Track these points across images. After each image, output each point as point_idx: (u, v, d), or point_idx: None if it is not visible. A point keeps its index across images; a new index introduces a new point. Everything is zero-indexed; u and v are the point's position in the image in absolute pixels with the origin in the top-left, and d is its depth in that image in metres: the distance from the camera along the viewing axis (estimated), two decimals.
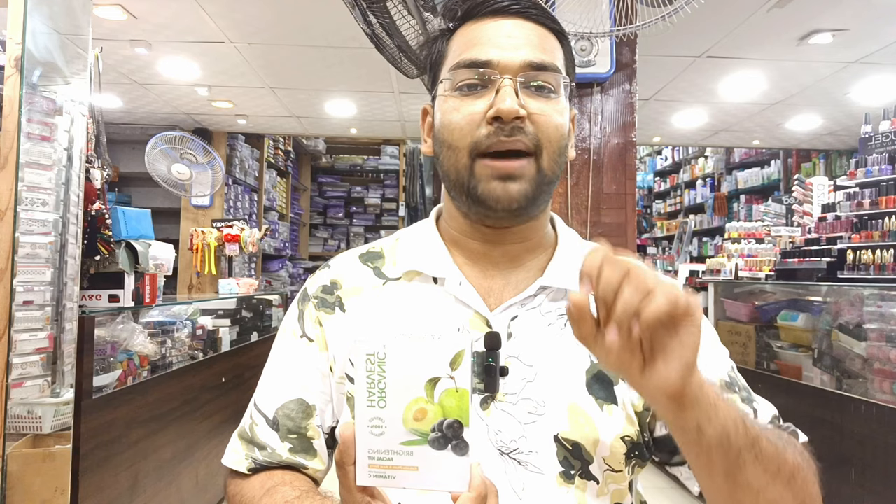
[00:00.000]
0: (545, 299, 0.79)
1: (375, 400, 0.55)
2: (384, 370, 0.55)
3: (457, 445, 0.54)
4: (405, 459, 0.55)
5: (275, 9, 3.50)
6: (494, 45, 0.75)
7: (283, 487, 0.74)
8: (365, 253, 0.88)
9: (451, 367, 0.54)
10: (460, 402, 0.54)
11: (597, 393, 0.76)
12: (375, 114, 5.70)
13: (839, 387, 2.82)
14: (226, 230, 4.74)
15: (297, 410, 0.80)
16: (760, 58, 4.13)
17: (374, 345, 0.55)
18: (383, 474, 0.55)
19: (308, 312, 0.85)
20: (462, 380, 0.54)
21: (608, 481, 0.75)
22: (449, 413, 0.54)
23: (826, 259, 3.28)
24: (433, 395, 0.54)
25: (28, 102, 1.96)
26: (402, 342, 0.55)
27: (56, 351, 2.05)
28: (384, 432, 0.55)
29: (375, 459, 0.55)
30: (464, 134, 0.74)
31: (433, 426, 0.54)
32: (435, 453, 0.54)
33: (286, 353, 0.84)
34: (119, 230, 2.41)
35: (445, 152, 0.76)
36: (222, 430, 3.38)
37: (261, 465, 0.80)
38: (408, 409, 0.55)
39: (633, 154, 2.46)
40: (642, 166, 9.79)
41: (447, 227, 0.85)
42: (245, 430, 0.83)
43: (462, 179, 0.75)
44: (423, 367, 0.55)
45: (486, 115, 0.73)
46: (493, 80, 0.74)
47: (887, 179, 3.15)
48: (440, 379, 0.54)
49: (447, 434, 0.54)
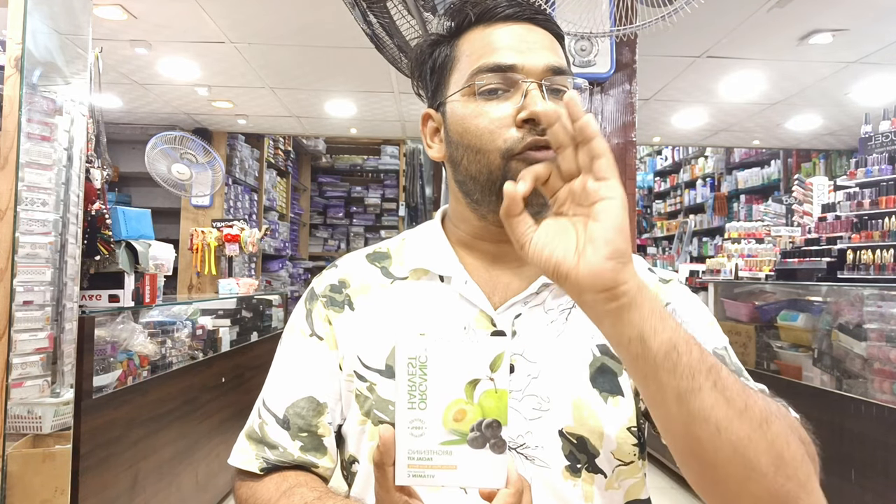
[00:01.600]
0: (548, 296, 0.80)
1: (416, 402, 0.56)
2: (425, 373, 0.56)
3: (495, 444, 0.56)
4: (444, 459, 0.56)
5: (275, 9, 3.50)
6: (515, 50, 0.75)
7: (301, 489, 0.74)
8: (372, 253, 0.90)
9: (490, 370, 0.56)
10: (499, 402, 0.56)
11: (601, 386, 0.77)
12: (375, 114, 5.70)
13: (839, 387, 2.82)
14: (226, 230, 4.74)
15: (308, 408, 0.81)
16: (760, 58, 4.13)
17: (416, 348, 0.57)
18: (422, 473, 0.56)
19: (316, 311, 0.85)
20: (501, 381, 0.56)
21: (620, 477, 0.76)
22: (488, 413, 0.56)
23: (826, 259, 3.28)
24: (473, 396, 0.56)
25: (28, 102, 1.96)
26: (443, 345, 0.57)
27: (56, 351, 2.05)
28: (424, 433, 0.56)
29: (415, 459, 0.56)
30: (493, 137, 0.74)
31: (472, 426, 0.56)
32: (474, 452, 0.56)
33: (295, 352, 0.84)
34: (119, 230, 2.41)
35: (471, 156, 0.76)
36: (222, 430, 3.38)
37: (273, 464, 0.79)
38: (448, 410, 0.56)
39: (633, 154, 2.46)
40: (642, 166, 9.78)
41: (455, 229, 0.86)
42: (254, 430, 0.82)
43: (495, 180, 0.74)
44: (464, 370, 0.56)
45: (516, 119, 0.73)
46: (516, 83, 0.74)
47: (887, 179, 3.15)
48: (480, 380, 0.56)
49: (486, 433, 0.56)
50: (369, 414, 0.78)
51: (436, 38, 0.84)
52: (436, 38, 0.84)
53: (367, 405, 0.78)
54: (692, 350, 0.56)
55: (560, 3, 1.69)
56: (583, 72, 2.27)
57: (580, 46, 2.20)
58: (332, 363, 0.82)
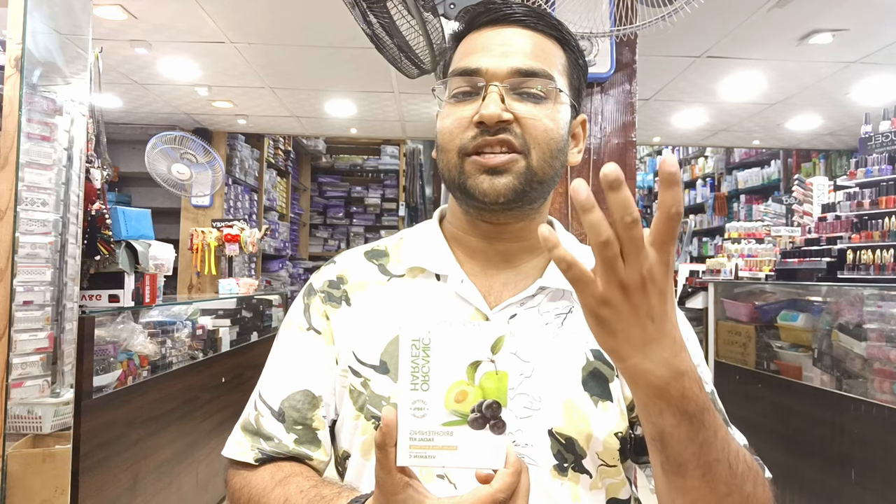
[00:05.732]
0: (544, 299, 0.82)
1: (419, 383, 0.57)
2: (428, 355, 0.58)
3: (495, 425, 0.57)
4: (445, 440, 0.57)
5: (275, 9, 3.50)
6: (486, 54, 0.79)
7: (296, 478, 0.75)
8: (370, 250, 0.91)
9: (491, 352, 0.58)
10: (499, 384, 0.57)
11: (592, 389, 0.78)
12: (375, 114, 5.70)
13: (839, 387, 2.82)
14: (226, 230, 4.74)
15: (304, 401, 0.81)
16: (760, 58, 4.13)
17: (420, 331, 0.58)
18: (424, 454, 0.57)
19: (314, 306, 0.86)
20: (502, 363, 0.58)
21: (603, 476, 0.78)
22: (488, 394, 0.57)
23: (826, 259, 3.28)
24: (474, 377, 0.58)
25: (28, 102, 1.96)
26: (446, 328, 0.58)
27: (56, 351, 2.05)
28: (426, 414, 0.57)
29: (417, 440, 0.57)
30: (453, 137, 0.79)
31: (473, 407, 0.57)
32: (474, 433, 0.57)
33: (292, 346, 0.85)
34: (119, 230, 2.41)
35: (440, 154, 0.81)
36: (222, 430, 3.38)
37: (268, 455, 0.80)
38: (449, 392, 0.57)
39: (633, 154, 2.46)
40: (642, 166, 9.78)
41: (450, 225, 0.88)
42: (249, 422, 0.83)
43: (454, 177, 0.79)
44: (466, 352, 0.58)
45: (472, 120, 0.77)
46: (480, 87, 0.78)
47: (887, 179, 3.15)
48: (481, 363, 0.58)
49: (486, 414, 0.57)
50: (363, 409, 0.78)
51: (448, 44, 0.88)
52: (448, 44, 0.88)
53: (360, 400, 0.79)
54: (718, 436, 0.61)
55: (560, 3, 1.70)
56: None
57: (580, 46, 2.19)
58: (328, 357, 0.83)
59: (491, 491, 0.56)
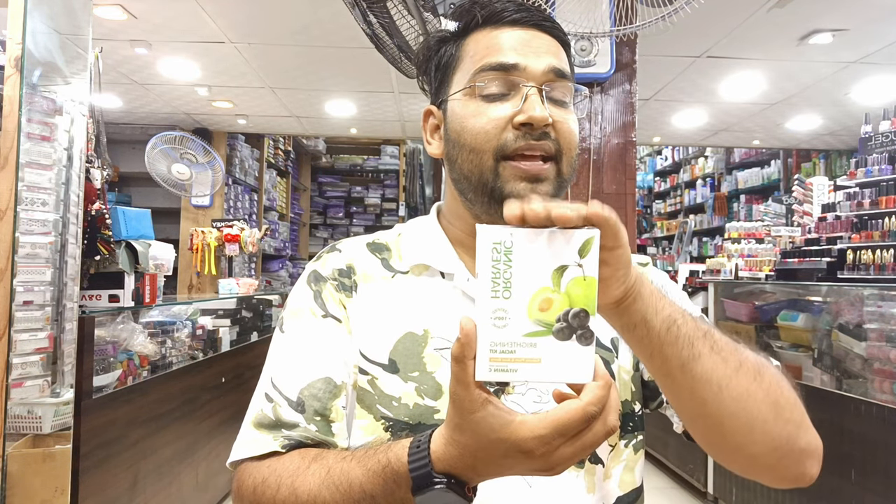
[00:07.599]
0: None
1: (500, 290, 0.52)
2: (510, 259, 0.53)
3: (582, 335, 0.53)
4: (528, 352, 0.52)
5: (275, 9, 3.50)
6: (518, 52, 0.76)
7: (330, 454, 0.69)
8: (371, 242, 0.88)
9: (579, 256, 0.53)
10: (588, 290, 0.53)
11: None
12: (375, 114, 5.70)
13: (839, 387, 2.82)
14: (226, 230, 4.74)
15: (325, 390, 0.75)
16: (760, 58, 4.13)
17: (502, 233, 0.53)
18: (505, 367, 0.53)
19: (327, 293, 0.82)
20: (590, 268, 0.53)
21: (611, 464, 0.78)
22: (575, 302, 0.53)
23: (826, 259, 3.27)
24: (560, 284, 0.53)
25: (28, 102, 1.96)
26: (529, 231, 0.53)
27: (56, 351, 2.05)
28: (507, 324, 0.52)
29: (497, 353, 0.52)
30: (489, 137, 0.75)
31: (558, 316, 0.53)
32: (559, 344, 0.52)
33: (308, 333, 0.79)
34: (119, 230, 2.41)
35: (466, 155, 0.77)
36: (222, 430, 3.39)
37: (296, 441, 0.73)
38: (533, 299, 0.53)
39: (633, 154, 2.46)
40: (642, 166, 9.78)
41: (451, 226, 0.86)
42: (265, 415, 0.75)
43: (486, 181, 0.76)
44: (552, 256, 0.53)
45: (513, 121, 0.74)
46: (517, 85, 0.75)
47: (887, 179, 3.15)
48: (568, 267, 0.53)
49: (572, 324, 0.53)
50: (371, 409, 0.76)
51: (443, 35, 0.84)
52: (443, 35, 0.84)
53: (368, 399, 0.77)
54: (688, 321, 0.62)
55: (560, 3, 1.70)
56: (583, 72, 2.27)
57: (580, 46, 2.20)
58: (349, 347, 0.79)
59: (581, 404, 0.52)
